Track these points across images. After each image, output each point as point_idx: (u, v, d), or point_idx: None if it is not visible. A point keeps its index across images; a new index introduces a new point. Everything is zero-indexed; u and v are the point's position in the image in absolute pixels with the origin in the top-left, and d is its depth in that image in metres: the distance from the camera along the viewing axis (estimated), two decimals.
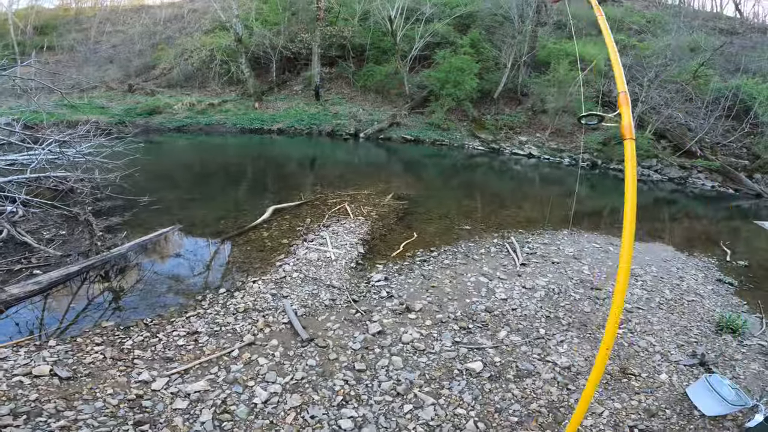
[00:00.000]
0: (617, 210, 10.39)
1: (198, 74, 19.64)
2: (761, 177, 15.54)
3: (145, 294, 4.00)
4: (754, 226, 10.03)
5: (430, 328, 3.67)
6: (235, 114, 16.80)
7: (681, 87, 17.41)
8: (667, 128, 16.98)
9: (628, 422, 2.79)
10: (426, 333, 3.58)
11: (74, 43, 22.83)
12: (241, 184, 8.99)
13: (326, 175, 10.04)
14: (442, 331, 3.64)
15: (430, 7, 19.35)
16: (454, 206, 8.02)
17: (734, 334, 4.09)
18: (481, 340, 3.56)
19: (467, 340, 3.53)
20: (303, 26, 20.54)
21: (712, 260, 6.55)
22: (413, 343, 3.43)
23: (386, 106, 18.82)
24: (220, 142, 14.26)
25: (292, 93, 19.75)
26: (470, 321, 3.83)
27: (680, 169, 15.85)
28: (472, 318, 3.89)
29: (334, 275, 4.50)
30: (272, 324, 3.50)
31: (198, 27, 21.61)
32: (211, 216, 6.23)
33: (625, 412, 2.89)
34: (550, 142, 17.29)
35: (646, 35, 21.40)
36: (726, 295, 5.18)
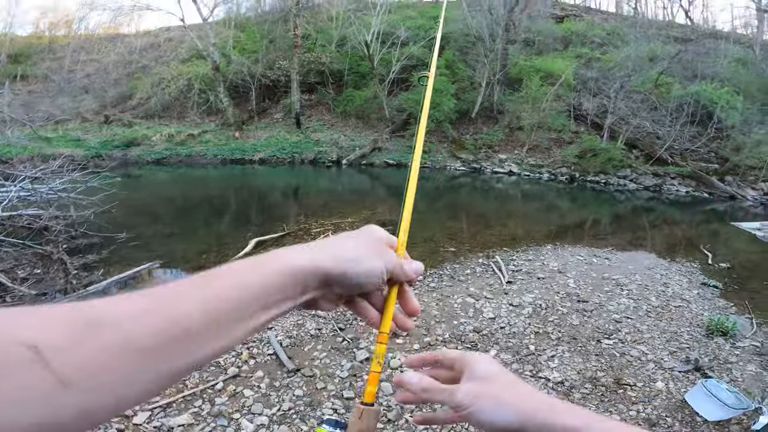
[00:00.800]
0: (598, 221, 10.58)
1: (176, 104, 19.58)
2: (732, 179, 16.11)
3: None
4: (731, 228, 10.28)
5: (418, 352, 3.60)
6: (215, 144, 16.73)
7: (645, 96, 18.10)
8: (637, 138, 17.56)
9: None
10: None
11: (48, 72, 22.60)
12: (224, 217, 8.87)
13: (310, 205, 10.00)
14: None
15: (405, 30, 19.90)
16: (439, 229, 8.03)
17: (725, 336, 4.10)
18: None
19: None
20: (281, 53, 20.81)
21: (694, 264, 6.67)
22: (401, 368, 3.34)
23: (367, 131, 19.02)
24: (201, 174, 14.13)
25: (272, 121, 19.84)
26: (459, 342, 3.78)
27: (654, 176, 16.33)
28: (461, 339, 3.84)
29: None
30: (257, 356, 3.45)
31: (174, 56, 21.67)
32: (192, 250, 6.13)
33: (625, 423, 2.81)
34: (529, 159, 17.65)
35: (608, 47, 22.37)
36: (712, 298, 5.23)
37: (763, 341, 4.12)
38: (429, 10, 25.35)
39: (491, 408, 0.47)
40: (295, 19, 18.29)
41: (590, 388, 3.17)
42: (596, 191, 15.23)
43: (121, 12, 22.08)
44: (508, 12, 19.79)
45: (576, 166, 16.84)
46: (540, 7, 27.03)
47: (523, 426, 0.45)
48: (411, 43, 20.44)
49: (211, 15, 19.54)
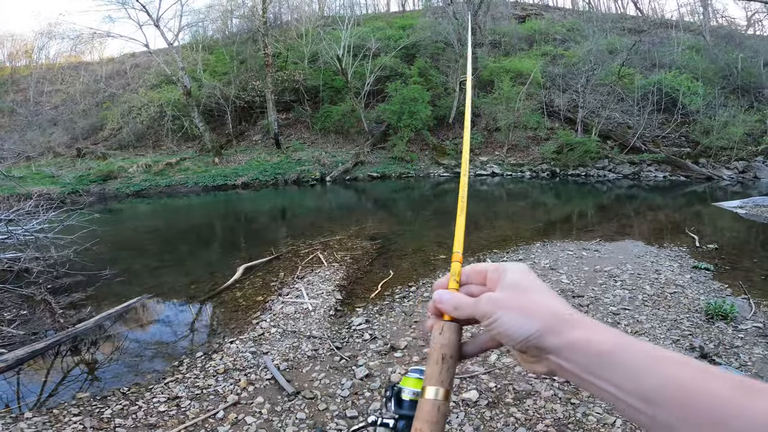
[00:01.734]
0: (584, 214, 10.73)
1: (150, 132, 19.31)
2: (706, 161, 16.63)
3: (120, 364, 3.95)
4: (714, 208, 10.52)
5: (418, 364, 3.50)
6: (195, 172, 16.50)
7: (611, 89, 18.72)
8: (609, 129, 18.04)
9: None
10: None
11: (14, 105, 22.10)
12: (211, 245, 8.69)
13: (296, 226, 9.88)
14: None
15: (375, 42, 20.11)
16: (428, 237, 8.02)
17: (726, 320, 4.04)
18: (472, 367, 3.44)
19: (458, 370, 3.39)
20: (253, 74, 20.78)
21: (682, 248, 6.73)
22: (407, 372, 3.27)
23: (348, 145, 19.06)
24: (183, 203, 13.86)
25: (251, 144, 19.71)
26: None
27: (631, 165, 16.75)
28: None
29: (314, 325, 4.32)
30: (255, 381, 3.38)
31: (142, 82, 21.43)
32: (180, 282, 6.00)
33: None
34: (509, 158, 17.91)
35: (569, 43, 23.06)
36: (706, 282, 5.22)
37: (765, 322, 4.07)
38: (397, 20, 25.81)
39: (512, 318, 0.44)
40: (264, 39, 18.30)
41: None
42: (578, 184, 15.50)
43: (81, 40, 21.69)
44: (472, 15, 20.24)
45: (555, 162, 17.16)
46: (502, 9, 27.78)
47: (544, 341, 0.42)
48: (383, 54, 20.67)
49: (176, 39, 19.41)
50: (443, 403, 0.46)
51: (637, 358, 0.38)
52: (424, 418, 0.45)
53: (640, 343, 0.39)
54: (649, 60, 20.92)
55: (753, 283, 5.20)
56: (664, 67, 19.82)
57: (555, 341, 0.41)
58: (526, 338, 0.42)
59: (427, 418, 0.45)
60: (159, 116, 18.75)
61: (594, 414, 2.78)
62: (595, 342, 0.40)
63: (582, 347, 0.40)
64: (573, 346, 0.41)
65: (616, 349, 0.39)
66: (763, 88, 19.38)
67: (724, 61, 20.51)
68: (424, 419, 0.45)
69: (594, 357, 0.39)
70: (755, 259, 6.22)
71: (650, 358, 0.38)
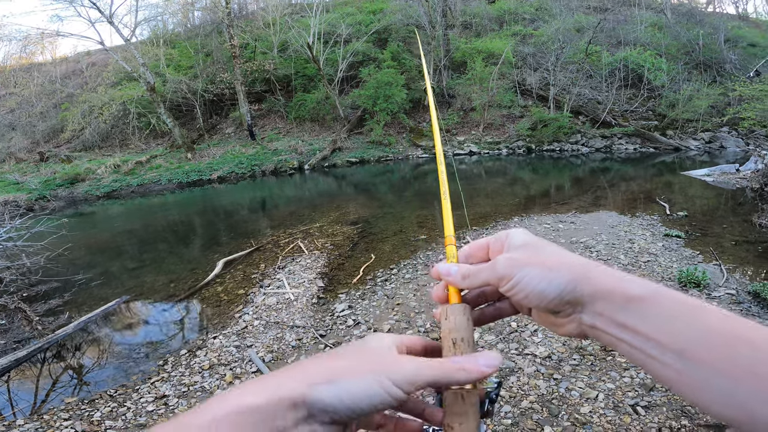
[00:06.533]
0: (560, 187, 10.95)
1: (115, 132, 18.58)
2: (674, 133, 17.17)
3: (105, 367, 3.96)
4: (683, 177, 10.88)
5: None
6: (167, 169, 16.01)
7: (580, 66, 19.09)
8: (580, 105, 18.42)
9: (627, 401, 2.67)
10: None
11: None
12: (189, 242, 8.50)
13: (276, 216, 9.73)
14: None
15: (345, 27, 19.77)
16: (408, 219, 8.03)
17: (699, 288, 4.05)
18: None
19: None
20: (220, 66, 20.20)
21: (654, 217, 6.91)
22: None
23: (324, 133, 18.83)
24: (158, 201, 13.46)
25: (224, 137, 19.23)
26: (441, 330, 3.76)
27: (602, 138, 17.18)
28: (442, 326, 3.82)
29: (297, 315, 4.31)
30: (241, 375, 3.41)
31: (101, 81, 20.50)
32: (160, 281, 5.88)
33: (621, 391, 2.77)
34: (486, 137, 18.07)
35: (539, 23, 23.21)
36: (677, 249, 5.28)
37: (737, 288, 4.11)
38: (367, 4, 25.31)
39: (539, 274, 0.39)
40: (229, 30, 17.71)
41: (578, 358, 3.13)
42: (554, 159, 15.80)
43: (30, 41, 20.54)
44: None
45: (531, 138, 17.45)
46: None
47: (577, 293, 0.38)
48: (354, 39, 20.34)
49: (132, 35, 18.49)
50: (467, 391, 0.41)
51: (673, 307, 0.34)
52: (451, 411, 0.41)
53: (675, 292, 0.36)
54: (614, 38, 21.26)
55: (724, 249, 5.30)
56: (629, 45, 20.20)
57: (588, 289, 0.37)
58: (560, 293, 0.38)
59: (453, 410, 0.41)
60: (123, 114, 18.04)
61: (576, 389, 2.81)
62: (627, 288, 0.36)
63: (613, 294, 0.37)
64: (605, 293, 0.37)
65: (649, 295, 0.35)
66: (724, 63, 19.99)
67: (686, 38, 21.02)
68: (450, 413, 0.41)
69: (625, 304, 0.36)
70: (725, 225, 6.39)
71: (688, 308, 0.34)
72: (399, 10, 22.12)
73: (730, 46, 20.68)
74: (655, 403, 2.62)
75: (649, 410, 2.57)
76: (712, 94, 16.82)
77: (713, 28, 21.42)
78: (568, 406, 2.65)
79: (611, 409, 2.61)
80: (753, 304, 3.85)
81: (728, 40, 20.89)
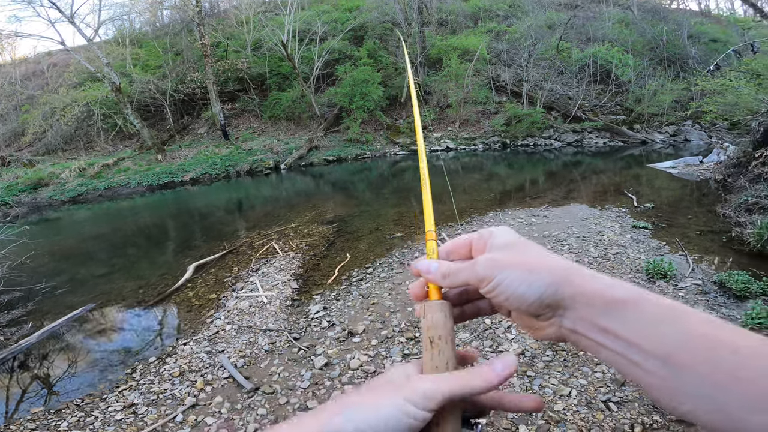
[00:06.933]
0: (534, 181, 11.14)
1: (79, 134, 17.84)
2: (641, 127, 17.76)
3: (71, 376, 3.88)
4: (649, 170, 11.24)
5: (377, 348, 3.53)
6: (136, 172, 15.45)
7: (551, 62, 19.53)
8: (552, 100, 18.85)
9: (599, 397, 2.68)
10: (374, 354, 3.45)
11: None
12: (159, 247, 8.23)
13: (251, 217, 9.52)
14: (389, 347, 3.52)
15: (321, 25, 19.55)
16: (385, 216, 7.99)
17: (666, 278, 4.11)
18: None
19: (417, 350, 3.44)
20: (191, 65, 19.67)
21: (622, 209, 7.09)
22: (362, 367, 3.28)
23: (300, 131, 18.58)
24: (127, 205, 12.97)
25: (197, 137, 18.72)
26: (416, 329, 3.74)
27: (574, 133, 17.63)
28: (418, 326, 3.79)
29: (270, 318, 4.22)
30: (212, 381, 3.34)
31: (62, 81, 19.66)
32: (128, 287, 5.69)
33: (593, 387, 2.78)
34: (462, 133, 18.23)
35: (512, 19, 23.57)
36: (645, 240, 5.41)
37: (703, 279, 4.19)
38: (342, 2, 25.07)
39: (519, 276, 0.38)
40: (200, 29, 17.22)
41: (551, 354, 3.14)
42: (528, 153, 16.10)
43: None
44: None
45: (505, 134, 17.73)
46: None
47: (558, 296, 0.37)
48: (330, 37, 20.13)
49: (95, 35, 17.80)
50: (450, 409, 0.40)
51: (655, 311, 0.33)
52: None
53: (658, 296, 0.34)
54: (584, 34, 21.78)
55: (689, 239, 5.45)
56: (597, 41, 20.73)
57: (569, 292, 0.36)
58: (540, 296, 0.37)
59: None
60: (86, 116, 17.32)
61: (550, 386, 2.81)
62: (608, 292, 0.35)
63: (594, 297, 0.35)
64: (586, 297, 0.36)
65: (631, 298, 0.34)
66: (687, 59, 20.77)
67: (651, 34, 21.72)
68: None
69: (606, 308, 0.35)
70: (689, 215, 6.59)
71: (671, 312, 0.33)
72: (375, 8, 22.03)
73: (692, 42, 21.51)
74: (626, 398, 2.66)
75: (621, 406, 2.61)
76: (675, 89, 17.45)
77: (677, 24, 22.22)
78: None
79: (584, 405, 2.63)
80: (719, 294, 3.94)
81: (691, 36, 21.72)
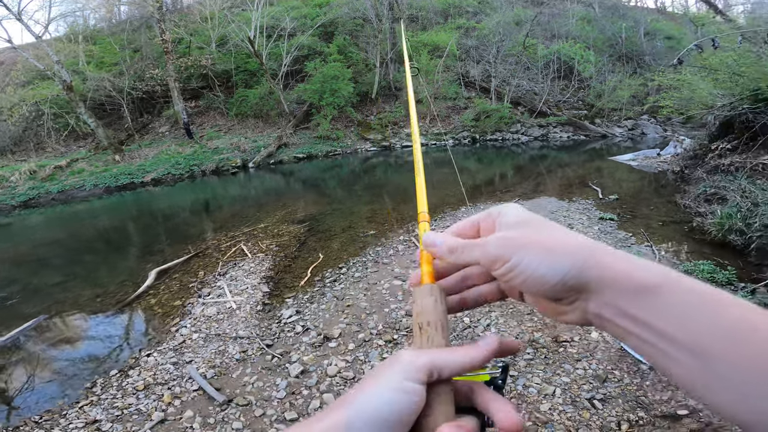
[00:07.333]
0: (504, 175, 11.33)
1: (29, 134, 16.64)
2: (601, 121, 18.48)
3: (27, 392, 3.63)
4: (611, 162, 11.68)
5: (354, 352, 3.41)
6: (92, 173, 14.57)
7: (518, 58, 19.97)
8: (519, 96, 19.30)
9: (583, 395, 2.65)
10: (352, 358, 3.33)
11: None
12: (119, 252, 7.76)
13: (218, 218, 9.15)
14: (368, 351, 3.41)
15: (290, 21, 19.08)
16: (357, 214, 7.88)
17: None
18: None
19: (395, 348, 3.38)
20: (150, 62, 18.80)
21: (588, 201, 7.30)
22: (341, 373, 3.15)
23: (269, 129, 18.10)
24: (84, 208, 12.20)
25: (158, 136, 17.87)
26: (394, 331, 3.65)
27: (540, 127, 18.13)
28: (395, 327, 3.71)
29: (240, 325, 4.02)
30: (181, 394, 3.14)
31: (9, 80, 18.35)
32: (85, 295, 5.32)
33: (576, 384, 2.76)
34: (433, 128, 18.33)
35: (481, 16, 23.91)
36: (612, 232, 5.55)
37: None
38: None
39: (538, 256, 0.34)
40: (160, 25, 16.42)
41: (532, 352, 3.13)
42: (496, 148, 16.40)
43: None
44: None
45: (475, 129, 18.00)
46: None
47: (583, 278, 0.33)
48: (299, 33, 19.71)
49: (45, 32, 16.73)
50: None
51: (689, 299, 0.30)
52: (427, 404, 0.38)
53: (689, 280, 0.31)
54: (549, 31, 22.36)
55: (653, 229, 5.66)
56: (561, 38, 21.33)
57: (595, 275, 0.33)
58: (563, 277, 0.33)
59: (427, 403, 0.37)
60: (36, 116, 16.20)
61: (534, 385, 2.78)
62: (638, 275, 0.32)
63: (622, 281, 0.32)
64: (614, 280, 0.32)
65: (662, 283, 0.31)
66: (644, 55, 21.72)
67: (611, 31, 22.57)
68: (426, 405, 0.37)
69: (636, 294, 0.31)
70: (651, 206, 6.86)
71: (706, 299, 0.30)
72: (345, 3, 21.71)
73: (649, 39, 22.49)
74: (610, 395, 2.64)
75: (606, 403, 2.60)
76: (633, 85, 18.23)
77: (635, 21, 23.16)
78: (528, 404, 2.62)
79: (569, 404, 2.61)
80: None
81: (648, 33, 22.72)
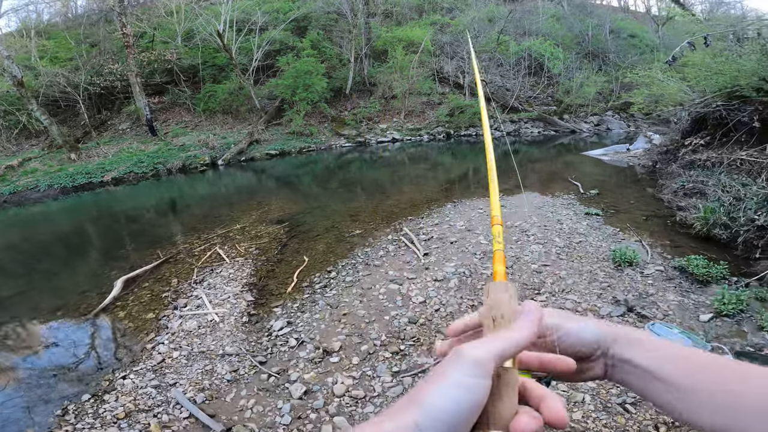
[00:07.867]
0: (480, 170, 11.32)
1: None
2: (569, 117, 18.99)
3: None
4: (583, 157, 11.95)
5: (360, 367, 3.12)
6: (47, 173, 13.44)
7: (491, 55, 20.13)
8: (492, 92, 19.48)
9: (613, 399, 2.55)
10: (358, 375, 3.03)
11: None
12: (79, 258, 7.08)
13: (188, 219, 8.55)
14: (374, 365, 3.13)
15: (261, 15, 18.33)
16: (339, 212, 7.58)
17: (632, 266, 4.24)
18: (420, 359, 3.14)
19: (406, 366, 3.11)
20: (110, 56, 17.63)
21: (571, 196, 7.35)
22: (349, 392, 2.86)
23: (239, 125, 17.36)
24: (38, 211, 11.21)
25: (118, 133, 16.76)
26: (400, 341, 3.39)
27: (512, 123, 18.44)
28: (400, 336, 3.46)
29: (226, 340, 3.65)
30: (170, 423, 2.75)
31: None
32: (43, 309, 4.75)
33: (604, 389, 2.65)
34: (407, 124, 18.24)
35: (456, 12, 23.98)
36: (600, 227, 5.57)
37: (663, 265, 4.33)
38: None
39: (578, 326, 0.46)
40: (121, 18, 15.36)
41: None
42: (470, 143, 16.50)
43: None
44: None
45: (449, 124, 18.06)
46: None
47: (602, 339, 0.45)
48: (271, 27, 19.01)
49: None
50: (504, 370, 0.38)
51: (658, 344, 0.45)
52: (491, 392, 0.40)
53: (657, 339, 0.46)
54: (521, 28, 22.68)
55: (638, 224, 5.71)
56: (532, 35, 21.68)
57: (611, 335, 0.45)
58: (597, 338, 0.45)
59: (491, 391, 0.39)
60: None
61: (561, 392, 2.62)
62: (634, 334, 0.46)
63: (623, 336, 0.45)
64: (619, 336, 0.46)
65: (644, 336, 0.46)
66: (609, 53, 22.43)
67: (579, 29, 23.17)
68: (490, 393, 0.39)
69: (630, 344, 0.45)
70: (631, 201, 6.98)
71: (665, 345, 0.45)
72: None
73: (614, 37, 23.24)
74: (640, 398, 2.54)
75: (638, 407, 2.50)
76: (599, 81, 18.81)
77: (600, 19, 23.88)
78: None
79: (602, 411, 2.50)
80: (683, 279, 4.07)
81: (612, 32, 23.44)
